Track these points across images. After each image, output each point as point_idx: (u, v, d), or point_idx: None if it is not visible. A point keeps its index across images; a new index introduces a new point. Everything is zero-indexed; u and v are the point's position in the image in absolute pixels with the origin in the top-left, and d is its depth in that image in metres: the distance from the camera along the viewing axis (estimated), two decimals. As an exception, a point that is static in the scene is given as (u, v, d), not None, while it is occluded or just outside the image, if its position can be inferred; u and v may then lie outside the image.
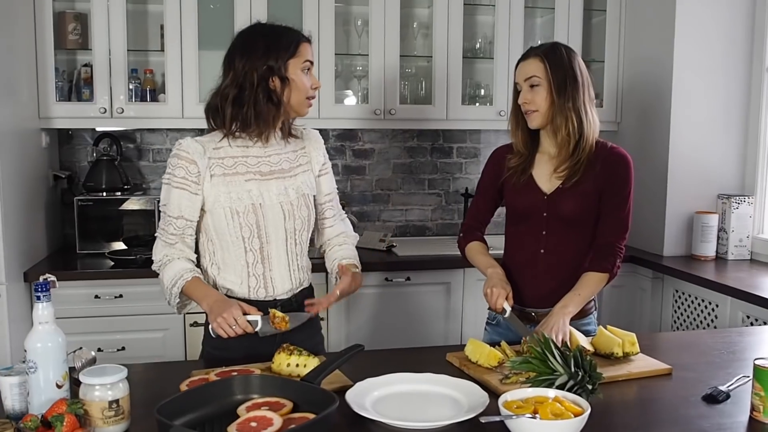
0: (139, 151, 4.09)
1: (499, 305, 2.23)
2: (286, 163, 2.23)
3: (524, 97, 2.32)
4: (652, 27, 3.94)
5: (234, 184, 2.14)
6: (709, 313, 3.36)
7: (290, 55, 2.13)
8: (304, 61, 2.16)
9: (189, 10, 3.66)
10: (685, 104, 3.79)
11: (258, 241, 2.16)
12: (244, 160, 2.17)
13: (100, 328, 3.38)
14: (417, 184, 4.44)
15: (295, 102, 2.16)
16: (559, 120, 2.28)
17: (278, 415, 1.56)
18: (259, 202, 2.15)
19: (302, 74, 2.15)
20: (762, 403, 1.68)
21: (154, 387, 1.90)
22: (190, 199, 2.13)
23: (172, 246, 2.16)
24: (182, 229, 2.15)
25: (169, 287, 2.14)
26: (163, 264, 2.16)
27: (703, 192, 3.86)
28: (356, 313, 3.66)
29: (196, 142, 2.14)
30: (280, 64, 2.11)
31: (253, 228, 2.15)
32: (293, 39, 2.16)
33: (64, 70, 3.79)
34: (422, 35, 4.16)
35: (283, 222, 2.18)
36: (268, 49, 2.11)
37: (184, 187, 2.12)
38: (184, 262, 2.16)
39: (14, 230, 3.22)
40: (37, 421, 1.49)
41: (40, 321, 1.61)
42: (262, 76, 2.10)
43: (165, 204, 2.16)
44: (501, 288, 2.25)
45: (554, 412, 1.55)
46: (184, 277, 2.12)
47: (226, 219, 2.14)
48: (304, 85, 2.16)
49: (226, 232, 2.15)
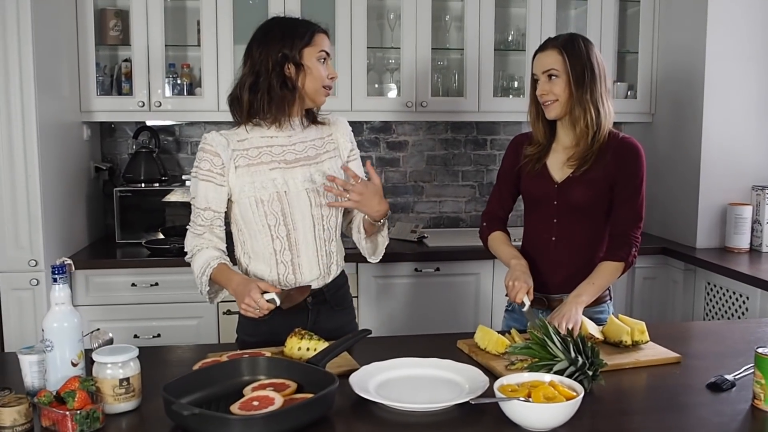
0: (178, 144, 4.20)
1: (519, 298, 2.23)
2: (312, 150, 2.28)
3: (542, 88, 2.34)
4: (685, 17, 3.89)
5: (258, 173, 2.19)
6: (741, 305, 3.33)
7: (305, 44, 2.18)
8: (319, 51, 2.20)
9: (224, 6, 3.75)
10: (718, 94, 3.74)
11: (284, 229, 2.21)
12: (269, 149, 2.22)
13: (136, 315, 3.50)
14: (451, 176, 4.46)
15: (311, 90, 2.21)
16: (578, 112, 2.30)
17: (281, 396, 1.62)
18: (284, 190, 2.20)
19: (318, 63, 2.20)
20: (763, 391, 1.68)
21: (170, 368, 1.99)
22: (216, 191, 2.19)
23: (201, 236, 2.23)
24: (210, 220, 2.22)
25: (198, 276, 2.20)
26: (193, 254, 2.24)
27: (736, 183, 3.80)
28: (387, 303, 3.72)
29: (220, 135, 2.21)
30: (295, 52, 2.16)
31: (278, 215, 2.20)
32: (309, 29, 2.21)
33: (105, 65, 3.92)
34: (455, 28, 4.19)
35: (309, 208, 2.23)
36: (283, 37, 2.17)
37: (210, 179, 2.19)
38: (212, 251, 2.22)
39: (55, 220, 3.35)
40: (50, 396, 1.58)
41: (57, 302, 1.69)
42: (277, 62, 2.16)
43: (193, 197, 2.23)
44: (523, 282, 2.25)
45: (547, 395, 1.57)
46: (211, 264, 2.18)
47: (251, 208, 2.19)
48: (320, 74, 2.20)
49: (252, 221, 2.21)
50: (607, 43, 4.04)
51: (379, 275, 3.68)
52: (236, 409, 1.58)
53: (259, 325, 2.23)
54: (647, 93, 4.17)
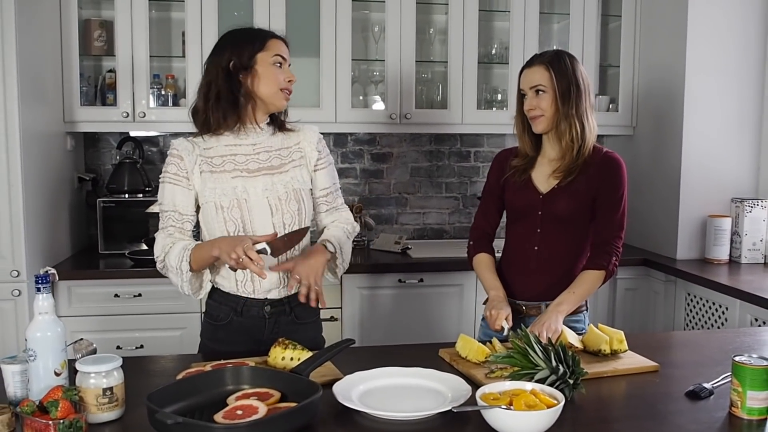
0: (161, 155, 4.20)
1: (498, 325, 2.31)
2: (277, 159, 2.29)
3: (530, 103, 2.39)
4: (665, 32, 3.95)
5: (220, 180, 2.21)
6: (720, 316, 3.36)
7: (258, 49, 2.20)
8: (273, 55, 2.21)
9: (209, 17, 3.76)
10: (698, 108, 3.80)
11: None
12: (232, 158, 2.24)
13: (119, 326, 3.48)
14: (435, 188, 4.49)
15: (266, 94, 2.21)
16: (564, 126, 2.36)
17: (264, 405, 1.63)
18: (244, 198, 2.21)
19: (272, 67, 2.21)
20: (740, 398, 1.70)
21: (154, 378, 1.99)
22: (183, 194, 2.22)
23: (171, 236, 2.23)
24: (180, 222, 2.23)
25: (177, 266, 2.16)
26: (166, 253, 2.20)
27: (716, 196, 3.86)
28: (371, 314, 3.73)
29: (186, 140, 2.25)
30: (245, 56, 2.18)
31: (238, 222, 2.21)
32: (262, 35, 2.24)
33: (89, 75, 3.92)
34: (439, 41, 4.22)
35: (270, 217, 2.23)
36: (234, 44, 2.21)
37: (176, 182, 2.22)
38: (184, 241, 2.20)
39: (38, 230, 3.34)
40: (33, 406, 1.57)
41: (40, 311, 1.69)
42: (228, 69, 2.18)
43: (161, 201, 2.25)
44: (500, 309, 2.33)
45: (528, 403, 1.59)
46: (187, 248, 2.16)
47: (212, 213, 2.22)
48: (274, 77, 2.21)
49: (213, 226, 2.23)
50: (589, 56, 4.09)
51: (363, 286, 3.70)
52: (220, 418, 1.58)
53: (217, 330, 2.29)
54: (628, 106, 4.22)
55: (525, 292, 2.46)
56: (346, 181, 4.36)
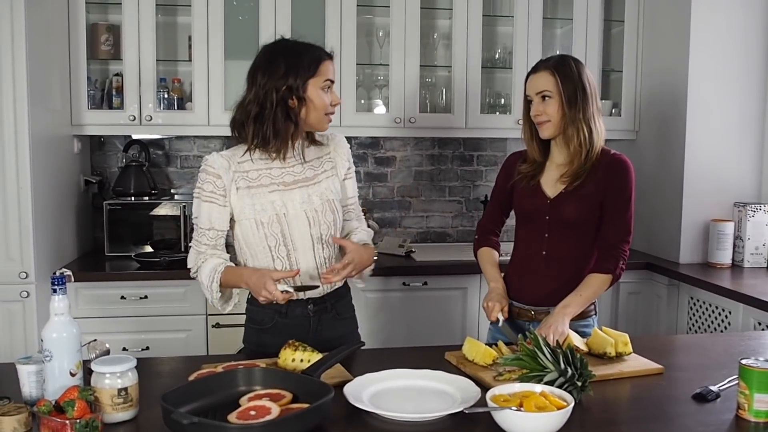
0: (167, 158, 4.22)
1: (493, 317, 2.39)
2: (310, 171, 2.31)
3: (536, 109, 2.40)
4: (668, 37, 3.98)
5: (258, 195, 2.24)
6: (723, 319, 3.39)
7: (310, 75, 2.19)
8: (324, 80, 2.22)
9: (216, 22, 3.79)
10: (700, 113, 3.82)
11: (285, 249, 2.26)
12: (268, 171, 2.26)
13: (125, 328, 3.50)
14: (438, 192, 4.51)
15: (314, 120, 2.24)
16: (571, 131, 2.37)
17: (277, 405, 1.65)
18: (283, 212, 2.24)
19: (321, 92, 2.22)
20: (747, 401, 1.72)
21: (165, 379, 2.01)
22: (219, 212, 2.24)
23: (203, 254, 2.29)
24: (214, 240, 2.28)
25: (208, 284, 2.24)
26: (199, 267, 2.28)
27: (719, 200, 3.88)
28: (375, 317, 3.74)
29: (221, 157, 2.25)
30: (299, 84, 2.18)
31: (278, 237, 2.24)
32: (314, 58, 2.22)
33: (96, 79, 3.94)
34: (443, 46, 4.25)
35: (308, 229, 2.27)
36: (288, 68, 2.18)
37: (213, 200, 2.23)
38: (216, 259, 2.27)
39: (45, 232, 3.36)
40: (50, 405, 1.59)
41: (56, 313, 1.72)
42: (282, 96, 2.18)
43: (196, 217, 2.28)
44: (497, 302, 2.40)
45: (538, 405, 1.61)
46: (218, 269, 2.23)
47: (252, 230, 2.24)
48: (323, 103, 2.23)
49: (253, 242, 2.26)
50: (592, 61, 4.11)
51: (367, 289, 3.71)
52: (234, 418, 1.60)
53: (262, 334, 2.30)
54: (631, 111, 4.24)
55: (533, 296, 2.47)
56: (351, 185, 4.38)
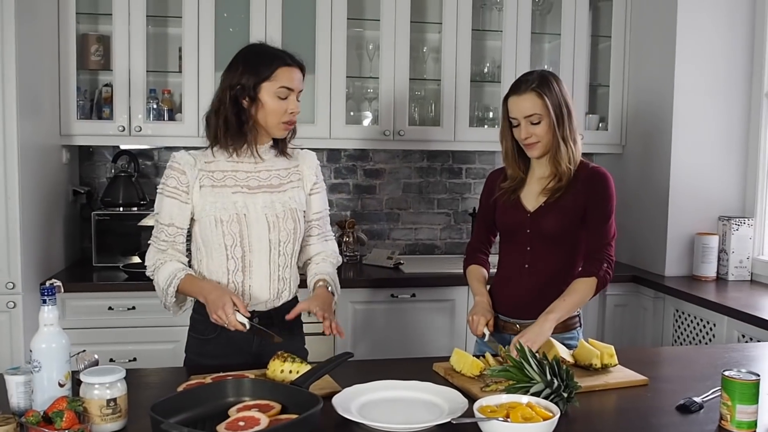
0: (156, 169, 4.23)
1: (479, 331, 2.41)
2: (276, 179, 2.34)
3: (526, 131, 2.38)
4: (654, 53, 4.02)
5: (221, 195, 2.26)
6: (708, 332, 3.42)
7: (263, 79, 2.21)
8: (279, 87, 2.22)
9: (206, 33, 3.80)
10: (686, 128, 3.87)
11: (240, 250, 2.26)
12: (234, 174, 2.29)
13: (112, 339, 3.50)
14: (426, 204, 4.53)
15: (266, 124, 2.26)
16: (562, 150, 2.38)
17: (266, 416, 1.66)
18: (244, 213, 2.26)
19: (274, 98, 2.23)
20: (730, 412, 1.75)
21: (153, 390, 2.01)
22: (180, 208, 2.26)
23: (164, 252, 2.29)
24: (173, 236, 2.28)
25: (164, 287, 2.24)
26: (156, 267, 2.28)
27: (703, 214, 3.92)
28: (363, 328, 3.75)
29: (188, 154, 2.28)
30: (251, 85, 2.21)
31: (236, 237, 2.25)
32: (273, 63, 2.24)
33: (86, 89, 3.94)
34: (432, 59, 4.28)
35: (267, 233, 2.28)
36: (245, 68, 2.23)
37: (175, 196, 2.25)
38: (177, 263, 2.27)
39: (33, 242, 3.36)
40: (38, 416, 1.59)
41: (46, 323, 1.73)
42: (235, 94, 2.21)
43: (158, 212, 2.29)
44: (482, 315, 2.42)
45: (524, 416, 1.63)
46: (178, 276, 2.23)
47: (210, 226, 2.25)
48: (276, 109, 2.23)
49: (210, 239, 2.26)
50: (579, 76, 4.15)
51: (356, 301, 3.73)
52: (223, 429, 1.61)
53: (205, 344, 2.30)
54: (618, 125, 4.28)
55: (517, 310, 2.48)
56: (339, 197, 4.40)
